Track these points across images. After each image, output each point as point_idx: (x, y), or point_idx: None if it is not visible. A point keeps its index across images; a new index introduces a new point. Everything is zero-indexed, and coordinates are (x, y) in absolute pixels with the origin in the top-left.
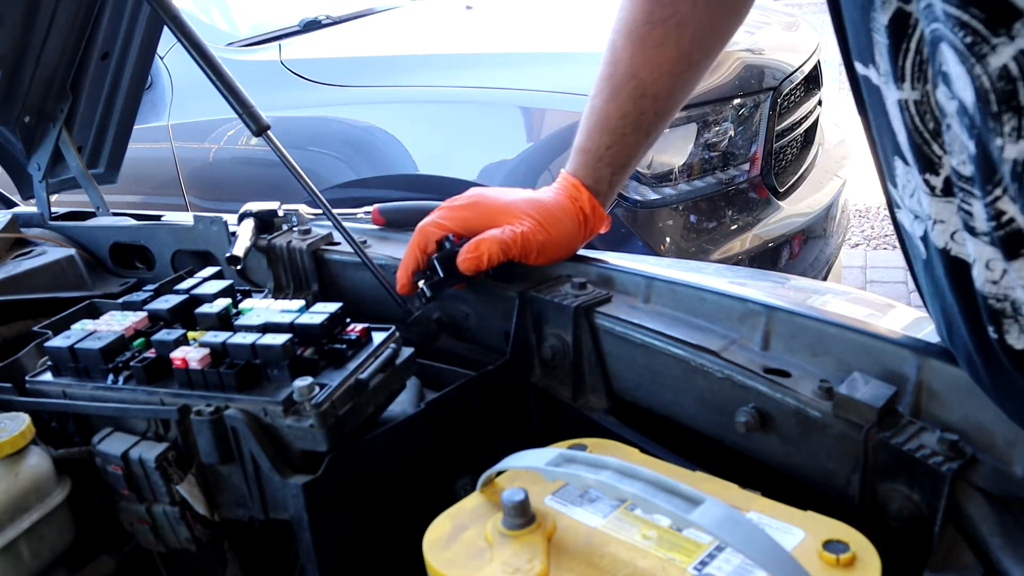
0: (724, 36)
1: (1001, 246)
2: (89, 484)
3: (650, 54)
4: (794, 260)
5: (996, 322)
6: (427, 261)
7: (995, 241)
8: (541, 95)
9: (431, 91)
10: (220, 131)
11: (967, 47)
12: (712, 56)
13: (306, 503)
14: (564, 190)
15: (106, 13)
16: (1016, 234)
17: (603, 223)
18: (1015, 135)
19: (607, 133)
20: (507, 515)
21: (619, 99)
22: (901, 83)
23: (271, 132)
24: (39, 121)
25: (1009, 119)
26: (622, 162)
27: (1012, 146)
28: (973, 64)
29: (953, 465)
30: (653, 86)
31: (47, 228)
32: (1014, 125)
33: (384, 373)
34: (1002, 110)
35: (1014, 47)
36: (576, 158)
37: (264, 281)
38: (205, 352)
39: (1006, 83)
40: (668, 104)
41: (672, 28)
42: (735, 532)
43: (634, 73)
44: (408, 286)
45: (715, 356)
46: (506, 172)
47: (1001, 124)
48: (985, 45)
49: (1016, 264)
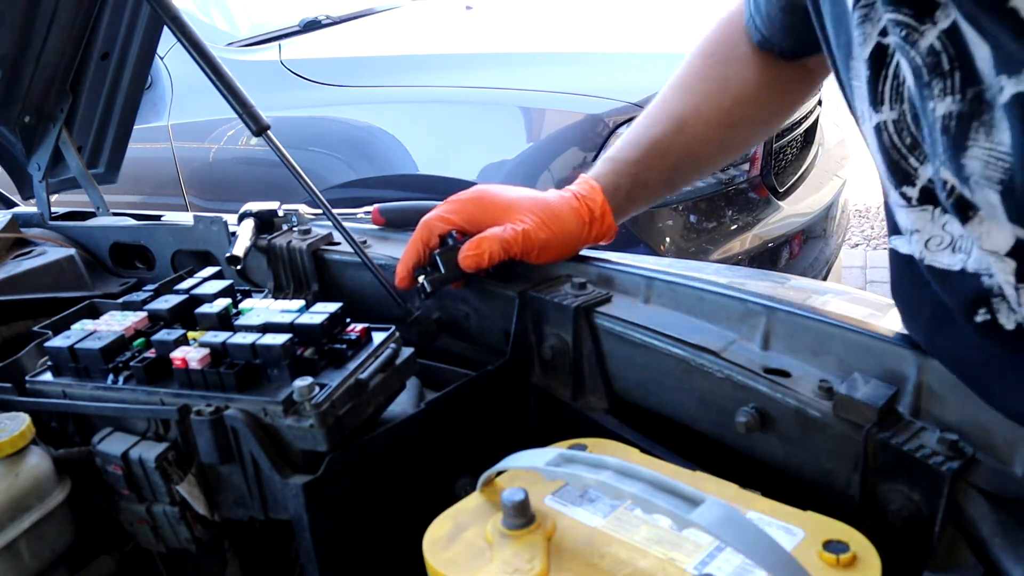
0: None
1: (956, 214)
2: (89, 484)
3: (693, 98)
4: (794, 260)
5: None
6: (429, 256)
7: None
8: (541, 95)
9: (431, 91)
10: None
11: (903, 39)
12: (753, 124)
13: (306, 503)
14: (578, 190)
15: (106, 13)
16: (960, 200)
17: (609, 232)
18: (942, 94)
19: (636, 149)
20: (507, 515)
21: (655, 127)
22: (879, 107)
23: (271, 132)
24: (39, 121)
25: (936, 83)
26: (643, 181)
27: (940, 103)
28: (908, 50)
29: (953, 465)
30: (690, 127)
31: (47, 228)
32: (940, 87)
33: (384, 373)
34: (931, 77)
35: (937, 29)
36: (601, 165)
37: (264, 281)
38: (205, 352)
39: (933, 57)
40: (698, 151)
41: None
42: (735, 532)
43: (674, 112)
44: (407, 280)
45: (715, 356)
46: (506, 172)
47: (931, 89)
48: (915, 33)
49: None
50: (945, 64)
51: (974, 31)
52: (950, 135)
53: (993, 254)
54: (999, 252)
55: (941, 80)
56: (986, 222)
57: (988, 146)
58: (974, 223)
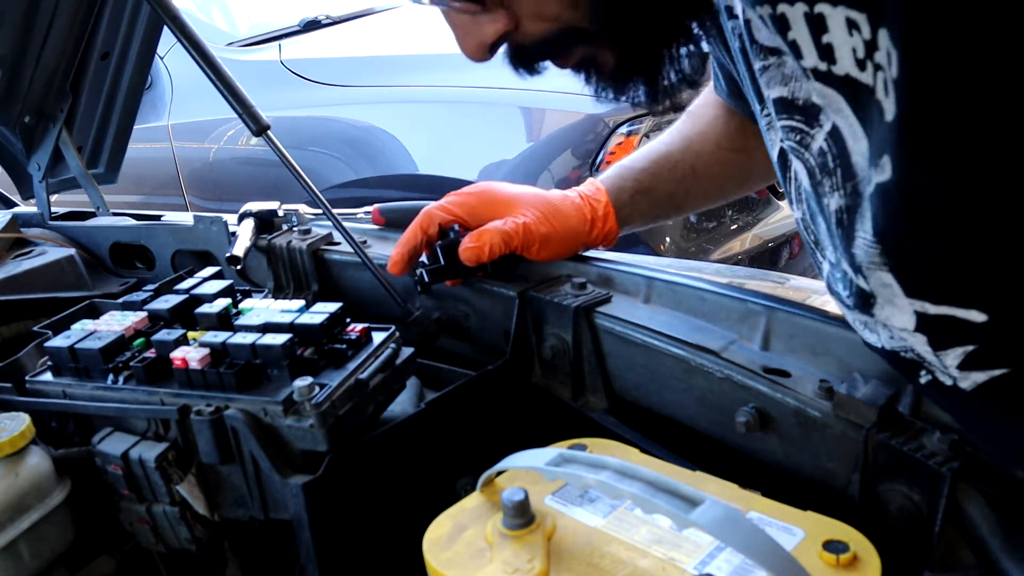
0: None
1: (859, 306)
2: (89, 484)
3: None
4: (794, 260)
5: (918, 368)
6: (427, 244)
7: (858, 305)
8: (541, 95)
9: (431, 91)
10: (220, 131)
11: (797, 143)
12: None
13: (306, 503)
14: (581, 188)
15: (106, 13)
16: (860, 291)
17: (611, 235)
18: (832, 191)
19: (645, 160)
20: (507, 515)
21: (665, 143)
22: (791, 206)
23: (271, 132)
24: (39, 121)
25: (827, 180)
26: (647, 188)
27: (831, 199)
28: (802, 153)
29: (953, 465)
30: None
31: (47, 228)
32: (830, 184)
33: (384, 373)
34: (822, 176)
35: (823, 131)
36: (608, 171)
37: (264, 281)
38: (205, 352)
39: (822, 157)
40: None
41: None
42: (735, 532)
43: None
44: (400, 264)
45: (715, 356)
46: (506, 172)
47: (823, 187)
48: (808, 137)
49: (876, 312)
50: (830, 163)
51: (848, 124)
52: (844, 227)
53: (903, 330)
54: (908, 329)
55: (830, 177)
56: (886, 307)
57: (863, 235)
58: (876, 309)
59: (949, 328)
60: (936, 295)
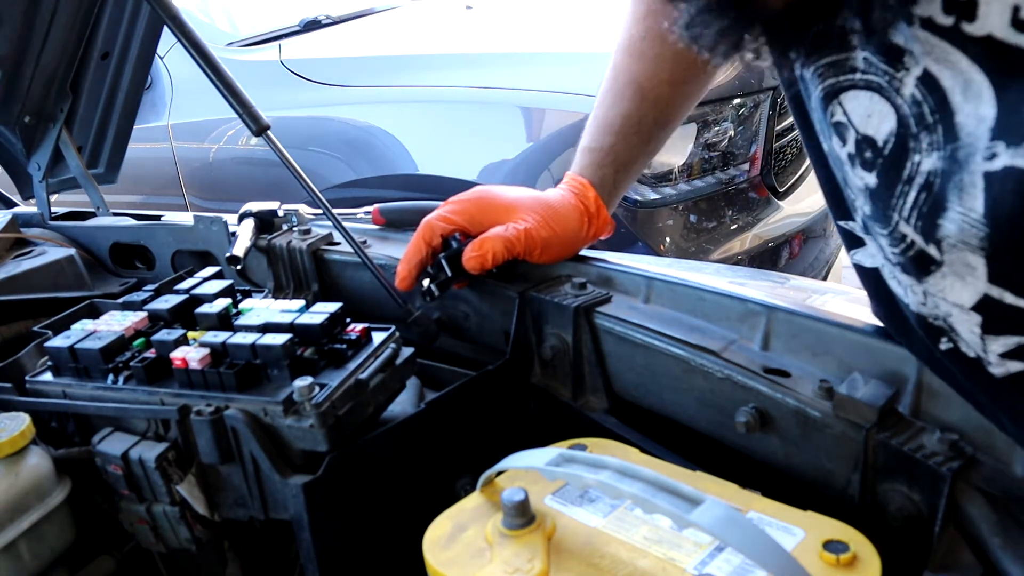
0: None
1: (913, 268)
2: (89, 484)
3: (648, 65)
4: (794, 260)
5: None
6: (432, 257)
7: (906, 267)
8: (541, 95)
9: (431, 91)
10: (220, 131)
11: (888, 83)
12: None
13: (306, 503)
14: (571, 188)
15: (106, 13)
16: (920, 255)
17: (607, 227)
18: (931, 149)
19: (610, 134)
20: (507, 515)
21: (621, 104)
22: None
23: (271, 132)
24: (39, 121)
25: (924, 135)
26: (624, 162)
27: (926, 158)
28: (894, 96)
29: (953, 465)
30: (652, 92)
31: (47, 228)
32: (928, 141)
33: (384, 373)
34: (919, 129)
35: (911, 76)
36: (581, 158)
37: (264, 281)
38: (205, 352)
39: (917, 107)
40: (668, 111)
41: (669, 42)
42: (735, 532)
43: (633, 80)
44: (408, 279)
45: (715, 356)
46: (506, 172)
47: (919, 141)
48: (896, 80)
49: (931, 280)
50: (928, 115)
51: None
52: (930, 193)
53: (956, 305)
54: (964, 306)
55: (928, 133)
56: (949, 278)
57: (961, 211)
58: (935, 277)
59: (1014, 319)
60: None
